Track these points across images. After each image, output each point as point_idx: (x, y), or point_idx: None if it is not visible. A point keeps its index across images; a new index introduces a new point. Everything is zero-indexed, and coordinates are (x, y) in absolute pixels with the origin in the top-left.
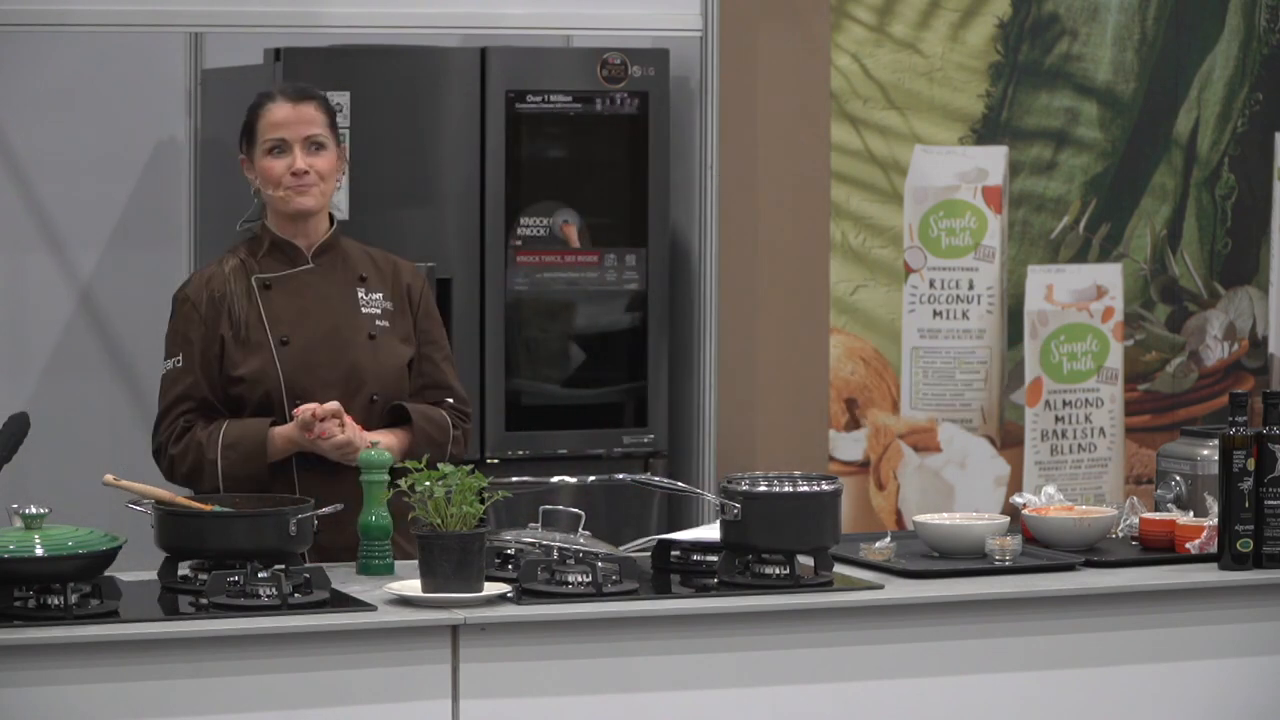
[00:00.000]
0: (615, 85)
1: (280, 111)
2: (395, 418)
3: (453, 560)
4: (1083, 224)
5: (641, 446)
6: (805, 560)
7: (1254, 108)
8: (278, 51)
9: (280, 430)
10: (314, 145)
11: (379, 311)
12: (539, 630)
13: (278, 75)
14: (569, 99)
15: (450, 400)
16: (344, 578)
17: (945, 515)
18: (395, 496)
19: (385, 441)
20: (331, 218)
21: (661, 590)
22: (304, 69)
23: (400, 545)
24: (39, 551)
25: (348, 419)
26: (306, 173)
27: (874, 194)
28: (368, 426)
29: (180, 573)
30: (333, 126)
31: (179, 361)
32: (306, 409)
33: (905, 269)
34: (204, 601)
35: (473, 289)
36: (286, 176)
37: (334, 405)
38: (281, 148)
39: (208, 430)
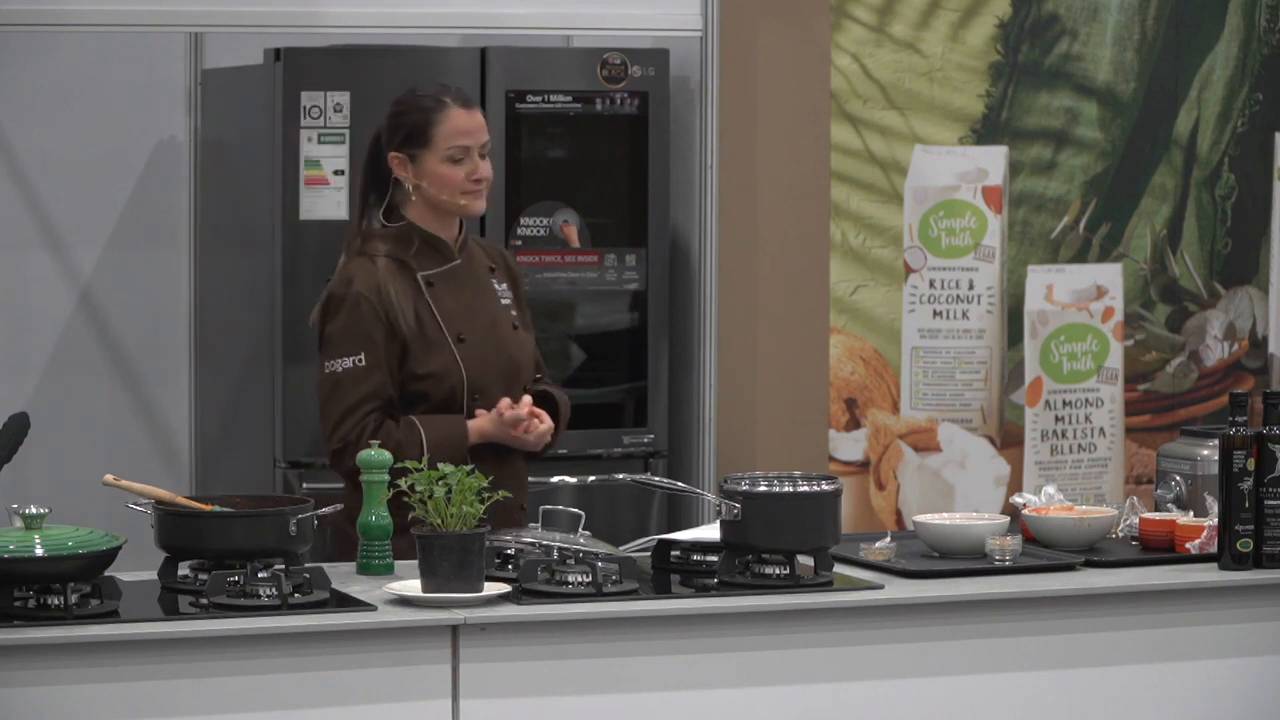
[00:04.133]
0: (615, 85)
1: (461, 119)
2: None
3: (453, 560)
4: (1083, 224)
5: (641, 446)
6: (805, 560)
7: (1254, 108)
8: (278, 51)
9: (474, 425)
10: (485, 154)
11: (509, 302)
12: (539, 630)
13: (278, 75)
14: (569, 99)
15: (540, 375)
16: (344, 578)
17: (945, 515)
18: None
19: (549, 425)
20: None
21: (661, 590)
22: (304, 69)
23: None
24: (39, 551)
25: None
26: (488, 176)
27: (874, 194)
28: None
29: (180, 573)
30: None
31: (361, 360)
32: (517, 407)
33: (905, 269)
34: (204, 601)
35: None
36: (466, 182)
37: (528, 401)
38: (463, 157)
39: (401, 429)
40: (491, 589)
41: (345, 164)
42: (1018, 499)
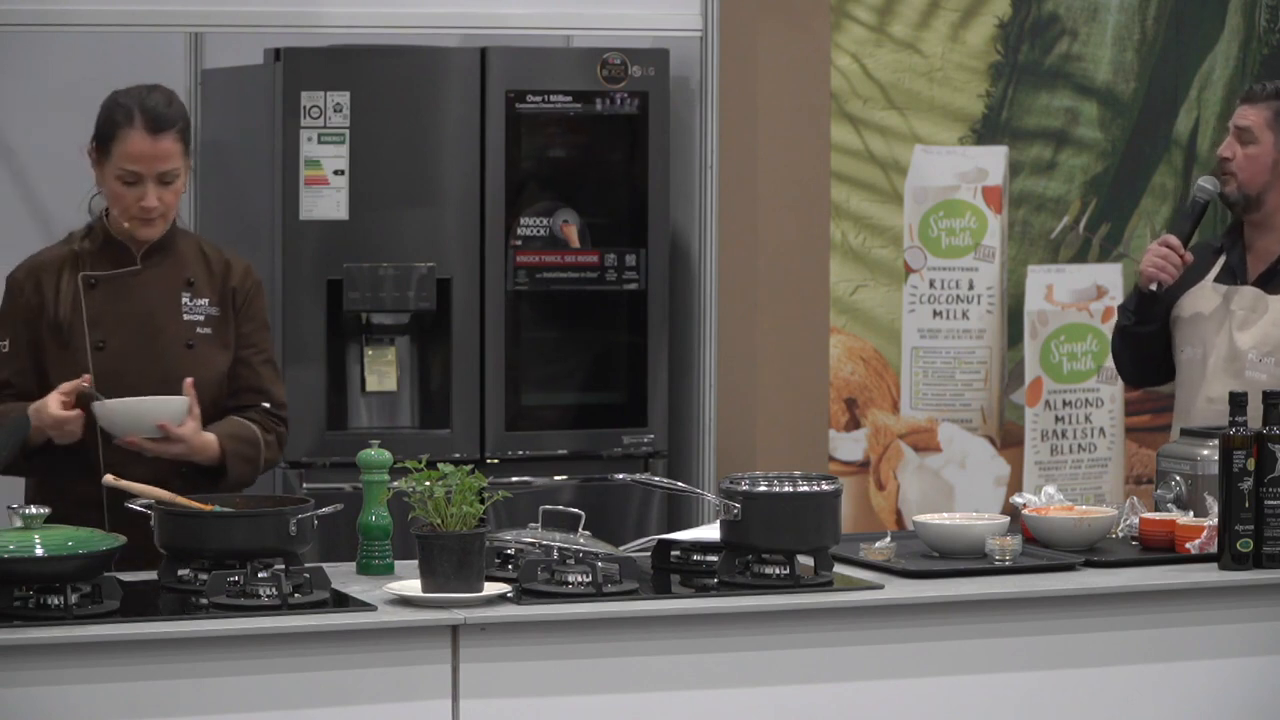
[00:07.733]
0: (615, 85)
1: (138, 144)
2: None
3: (453, 560)
4: (1083, 224)
5: (641, 446)
6: (805, 560)
7: None
8: (278, 51)
9: (39, 410)
10: (166, 180)
11: (202, 318)
12: (539, 630)
13: (278, 75)
14: (569, 99)
15: (266, 405)
16: (344, 578)
17: (945, 515)
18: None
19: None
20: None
21: (661, 590)
22: (304, 69)
23: None
24: (39, 551)
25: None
26: (155, 206)
27: (874, 194)
28: None
29: (180, 573)
30: (186, 147)
31: (6, 345)
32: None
33: (905, 269)
34: (204, 601)
35: (473, 289)
36: (134, 207)
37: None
38: (135, 181)
39: None
40: (491, 589)
41: (345, 164)
42: (1018, 499)
